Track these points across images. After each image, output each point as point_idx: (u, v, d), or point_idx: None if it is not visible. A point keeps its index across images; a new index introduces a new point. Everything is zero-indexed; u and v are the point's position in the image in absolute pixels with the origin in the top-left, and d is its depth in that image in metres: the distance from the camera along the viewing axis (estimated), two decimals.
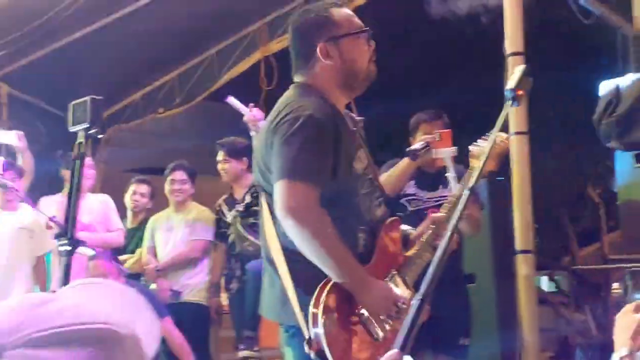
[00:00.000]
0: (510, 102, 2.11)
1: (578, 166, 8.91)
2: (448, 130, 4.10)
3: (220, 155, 5.56)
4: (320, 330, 2.45)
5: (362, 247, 2.65)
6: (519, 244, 4.64)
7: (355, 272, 2.54)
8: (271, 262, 2.68)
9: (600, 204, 8.74)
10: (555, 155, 8.22)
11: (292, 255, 2.59)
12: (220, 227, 5.66)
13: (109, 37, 6.37)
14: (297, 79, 2.77)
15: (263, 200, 2.73)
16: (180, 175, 5.78)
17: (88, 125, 2.20)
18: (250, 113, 4.73)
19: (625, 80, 5.35)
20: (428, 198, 4.36)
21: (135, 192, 6.10)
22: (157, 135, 8.38)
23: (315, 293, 2.49)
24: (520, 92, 2.12)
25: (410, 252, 2.80)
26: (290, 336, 2.66)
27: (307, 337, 2.48)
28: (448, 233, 1.90)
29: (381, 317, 2.56)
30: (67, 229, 2.21)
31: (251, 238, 5.25)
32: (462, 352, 4.39)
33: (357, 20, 2.77)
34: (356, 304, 2.55)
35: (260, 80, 6.64)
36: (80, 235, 5.09)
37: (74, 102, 2.37)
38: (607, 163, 6.70)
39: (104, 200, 5.83)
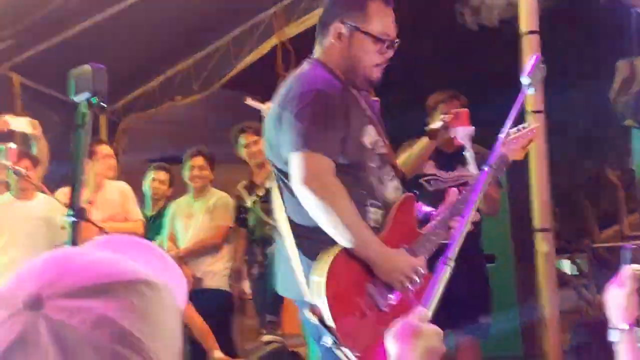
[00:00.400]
0: (526, 87, 2.24)
1: (597, 148, 8.87)
2: (465, 109, 4.12)
3: (248, 138, 5.55)
4: (322, 297, 2.47)
5: (372, 220, 2.67)
6: (537, 222, 4.64)
7: (373, 241, 2.57)
8: (280, 236, 2.73)
9: (619, 186, 8.69)
10: (573, 138, 8.19)
11: (299, 230, 2.64)
12: (241, 213, 5.67)
13: (122, 24, 6.37)
14: (314, 52, 2.80)
15: (273, 176, 2.78)
16: (199, 161, 5.79)
17: (90, 95, 2.17)
18: (268, 110, 4.74)
19: None
20: (447, 178, 4.39)
21: (155, 179, 6.12)
22: (174, 124, 8.41)
23: (320, 260, 2.52)
24: (535, 79, 2.27)
25: (424, 230, 2.82)
26: (304, 310, 2.69)
27: (311, 304, 2.51)
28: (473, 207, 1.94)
29: (400, 284, 2.57)
30: (72, 199, 2.18)
31: (272, 222, 5.28)
32: (483, 331, 4.41)
33: (390, 25, 2.73)
34: (361, 273, 2.56)
35: (277, 65, 6.64)
36: (100, 225, 5.16)
37: (74, 71, 2.35)
38: (625, 144, 6.67)
39: (122, 190, 5.80)
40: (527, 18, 4.69)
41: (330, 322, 2.46)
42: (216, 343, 5.09)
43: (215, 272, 5.68)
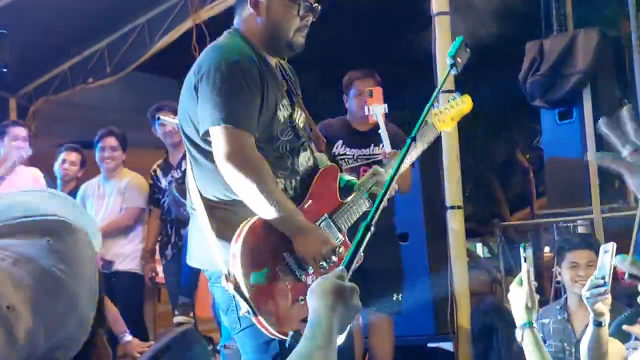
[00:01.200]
0: (450, 68, 2.25)
1: (506, 131, 9.09)
2: (379, 87, 4.18)
3: (166, 115, 5.48)
4: (238, 266, 2.47)
5: (284, 191, 2.67)
6: (449, 200, 4.73)
7: (294, 216, 2.58)
8: (193, 209, 2.71)
9: (529, 169, 8.92)
10: (484, 121, 8.36)
11: (211, 202, 2.63)
12: (155, 193, 5.60)
13: (33, 5, 6.21)
14: (234, 23, 2.79)
15: (186, 148, 2.75)
16: (111, 141, 5.68)
17: None
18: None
19: (548, 40, 5.50)
20: (359, 155, 4.43)
21: (65, 161, 5.98)
22: (87, 107, 8.23)
23: (236, 232, 2.51)
24: (459, 60, 2.26)
25: (346, 200, 2.84)
26: (214, 281, 2.68)
27: (225, 272, 2.50)
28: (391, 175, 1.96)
29: (314, 262, 2.58)
30: None
31: (187, 203, 5.22)
32: (395, 307, 4.47)
33: None
34: (279, 241, 2.57)
35: (192, 48, 6.55)
36: None
37: None
38: (534, 126, 6.85)
39: (35, 176, 5.66)
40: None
41: (245, 290, 2.44)
42: (125, 327, 5.00)
43: (127, 254, 5.60)
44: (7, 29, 6.40)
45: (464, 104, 3.34)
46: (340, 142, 4.44)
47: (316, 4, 2.74)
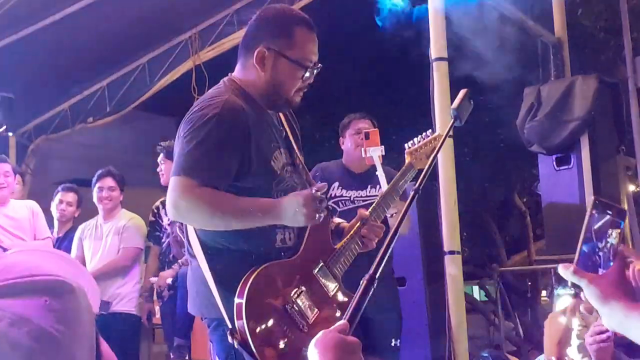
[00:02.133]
0: (453, 120, 2.23)
1: (504, 175, 9.10)
2: (375, 129, 4.21)
3: (160, 157, 5.51)
4: (243, 320, 2.44)
5: (280, 241, 2.65)
6: (446, 245, 4.72)
7: (267, 207, 2.53)
8: (192, 256, 2.69)
9: (527, 212, 8.93)
10: (482, 165, 8.38)
11: (210, 249, 2.60)
12: (156, 230, 5.59)
13: (36, 44, 6.26)
14: (234, 71, 2.77)
15: None
16: (108, 182, 5.69)
17: None
18: None
19: (546, 86, 5.54)
20: (356, 197, 4.45)
21: (62, 201, 5.99)
22: (86, 146, 8.26)
23: (240, 284, 2.48)
24: (463, 113, 2.26)
25: (339, 245, 2.83)
26: (213, 329, 2.65)
27: (230, 327, 2.47)
28: (397, 221, 1.92)
29: (309, 217, 2.52)
30: None
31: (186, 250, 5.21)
32: (394, 353, 4.44)
33: (313, 50, 2.71)
34: (281, 294, 2.55)
35: (192, 88, 6.61)
36: (6, 244, 5.00)
37: None
38: (532, 171, 6.87)
39: (30, 207, 5.64)
40: (437, 45, 4.82)
41: (252, 346, 2.42)
42: None
43: (124, 295, 5.57)
44: (9, 67, 6.46)
45: (437, 141, 3.37)
46: (337, 184, 4.46)
47: (319, 66, 2.73)
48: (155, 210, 5.62)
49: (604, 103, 5.61)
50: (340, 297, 2.67)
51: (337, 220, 2.97)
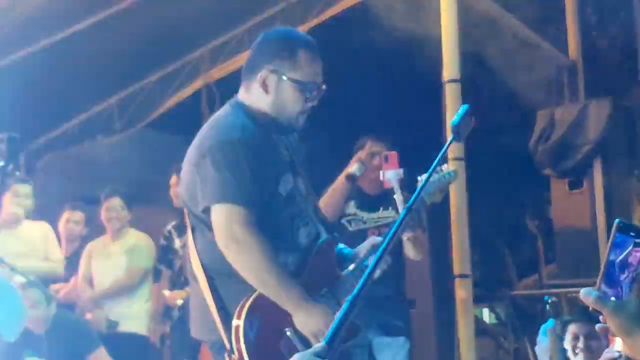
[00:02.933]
0: (453, 137, 2.16)
1: (516, 197, 9.05)
2: (394, 152, 4.13)
3: (174, 180, 5.44)
4: (241, 342, 2.44)
5: (284, 265, 2.63)
6: (456, 269, 4.68)
7: (293, 292, 2.55)
8: (194, 278, 2.67)
9: (538, 235, 8.86)
10: (493, 187, 8.33)
11: (212, 272, 2.61)
12: (167, 253, 5.55)
13: (45, 61, 6.27)
14: (239, 93, 2.76)
15: (187, 219, 2.73)
16: (116, 201, 5.65)
17: (3, 164, 2.11)
18: None
19: (559, 109, 5.50)
20: (368, 218, 4.40)
21: (69, 220, 5.97)
22: (95, 163, 8.23)
23: (239, 306, 2.50)
24: (463, 129, 2.18)
25: (345, 272, 2.79)
26: (216, 352, 2.65)
27: (228, 348, 2.48)
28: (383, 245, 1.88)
29: (315, 339, 2.54)
30: None
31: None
32: None
33: (318, 72, 2.71)
34: (280, 316, 2.54)
35: (202, 107, 6.60)
36: (18, 263, 5.00)
37: None
38: (544, 193, 6.82)
39: (43, 229, 5.66)
40: (449, 66, 4.80)
41: None
42: None
43: (131, 315, 5.54)
44: (17, 84, 6.46)
45: (452, 176, 3.39)
46: (353, 202, 4.39)
47: (324, 88, 2.72)
48: (167, 234, 5.58)
49: (617, 127, 5.58)
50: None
51: (341, 245, 2.93)
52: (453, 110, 4.69)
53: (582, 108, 5.49)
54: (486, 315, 9.26)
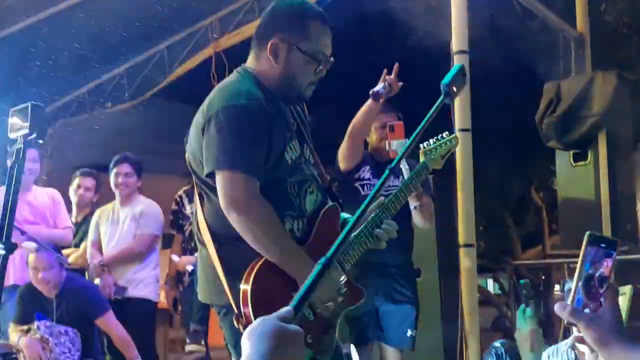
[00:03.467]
0: (443, 96, 2.04)
1: (521, 169, 9.08)
2: (400, 122, 4.20)
3: None
4: (249, 306, 2.47)
5: (289, 230, 2.66)
6: (462, 238, 4.73)
7: (300, 259, 2.57)
8: (202, 243, 2.72)
9: (543, 207, 8.91)
10: (499, 159, 8.36)
11: (220, 237, 2.63)
12: (179, 219, 5.60)
13: (55, 28, 6.28)
14: (247, 61, 2.78)
15: (195, 184, 2.76)
16: (125, 168, 5.70)
17: (28, 132, 2.14)
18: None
19: (566, 82, 5.52)
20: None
21: (80, 186, 6.03)
22: (104, 131, 8.28)
23: (246, 271, 2.52)
24: (454, 89, 2.07)
25: (350, 237, 2.83)
26: (223, 316, 2.68)
27: (236, 312, 2.50)
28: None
29: (323, 305, 2.58)
30: (4, 234, 2.15)
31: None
32: (409, 343, 4.47)
33: (327, 44, 2.72)
34: (287, 280, 2.56)
35: (211, 75, 6.61)
36: (27, 229, 5.06)
37: (14, 109, 2.34)
38: (549, 166, 6.86)
39: (52, 195, 5.70)
40: (458, 38, 4.81)
41: None
42: (137, 353, 5.01)
43: (140, 280, 5.60)
44: (28, 50, 6.48)
45: (453, 143, 3.40)
46: (367, 167, 4.44)
47: (332, 59, 2.73)
48: (178, 199, 5.63)
49: (623, 100, 5.59)
50: (348, 290, 2.68)
51: (345, 214, 2.97)
52: None
53: (589, 80, 5.50)
54: (490, 285, 9.37)
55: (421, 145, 3.39)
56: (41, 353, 4.76)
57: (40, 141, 2.15)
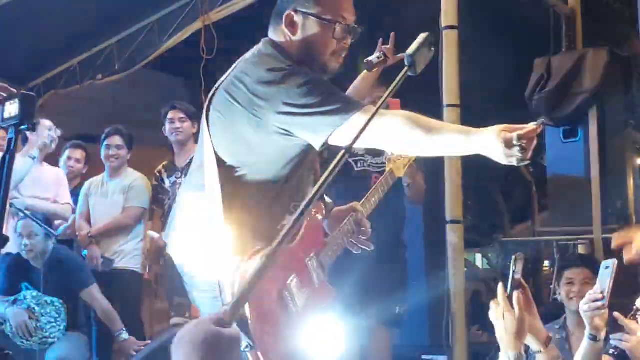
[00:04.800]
0: (407, 67, 1.95)
1: None
2: (397, 99, 4.14)
3: (177, 113, 5.45)
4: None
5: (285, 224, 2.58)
6: (449, 214, 4.72)
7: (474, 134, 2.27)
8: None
9: (532, 183, 8.92)
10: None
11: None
12: (159, 193, 5.61)
13: (45, 2, 6.23)
14: (270, 33, 2.68)
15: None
16: (116, 140, 5.72)
17: (18, 122, 2.10)
18: None
19: (557, 58, 5.49)
20: (372, 163, 4.46)
21: (70, 158, 6.06)
22: (95, 103, 8.26)
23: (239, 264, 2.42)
24: (420, 60, 1.97)
25: (328, 238, 2.84)
26: (195, 283, 2.63)
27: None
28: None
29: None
30: None
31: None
32: (397, 320, 4.49)
33: (347, 9, 2.60)
34: (280, 277, 2.52)
35: (200, 49, 6.57)
36: (32, 202, 5.09)
37: (4, 99, 2.30)
38: (539, 141, 6.84)
39: (57, 173, 5.76)
40: (447, 13, 4.77)
41: (248, 321, 2.36)
42: (122, 325, 5.04)
43: (127, 252, 5.64)
44: (17, 22, 6.42)
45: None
46: None
47: (356, 26, 2.62)
48: (158, 174, 5.63)
49: (614, 76, 5.56)
50: (323, 289, 2.70)
51: (327, 200, 2.96)
52: (450, 58, 4.69)
53: (580, 57, 5.47)
54: (478, 260, 9.40)
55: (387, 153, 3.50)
56: (28, 323, 4.79)
57: (32, 130, 2.11)
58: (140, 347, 4.99)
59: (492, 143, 2.17)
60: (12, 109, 2.01)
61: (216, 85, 2.63)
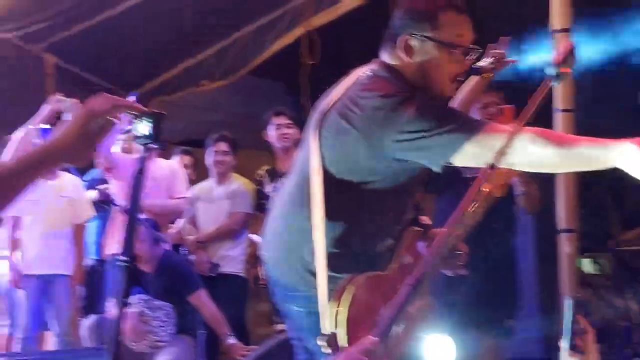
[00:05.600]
0: (553, 79, 1.93)
1: None
2: (511, 106, 3.96)
3: (284, 120, 5.48)
4: (343, 328, 2.34)
5: (383, 247, 2.57)
6: (562, 223, 4.57)
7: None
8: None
9: None
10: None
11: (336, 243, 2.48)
12: (260, 199, 5.66)
13: (153, 9, 6.37)
14: (383, 56, 2.60)
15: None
16: (223, 146, 5.82)
17: (150, 141, 2.09)
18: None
19: None
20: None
21: (180, 164, 6.18)
22: (198, 109, 8.41)
23: (338, 290, 2.38)
24: (565, 70, 1.94)
25: (424, 262, 2.76)
26: (290, 296, 2.60)
27: (326, 333, 2.36)
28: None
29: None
30: (126, 247, 2.10)
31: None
32: (507, 334, 4.36)
33: (465, 31, 2.50)
34: (378, 303, 2.40)
35: (302, 55, 6.59)
36: (145, 201, 5.21)
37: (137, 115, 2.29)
38: None
39: (170, 167, 5.87)
40: (559, 15, 4.58)
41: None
42: (229, 329, 5.09)
43: (233, 257, 5.72)
44: (128, 33, 6.59)
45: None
46: None
47: (476, 47, 2.52)
48: (259, 179, 5.68)
49: None
50: (426, 312, 2.58)
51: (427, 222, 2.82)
52: None
53: None
54: (587, 266, 9.10)
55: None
56: (140, 326, 4.90)
57: (163, 150, 2.08)
58: (246, 352, 5.02)
59: (636, 156, 2.07)
60: (143, 128, 2.00)
61: (328, 103, 2.55)
